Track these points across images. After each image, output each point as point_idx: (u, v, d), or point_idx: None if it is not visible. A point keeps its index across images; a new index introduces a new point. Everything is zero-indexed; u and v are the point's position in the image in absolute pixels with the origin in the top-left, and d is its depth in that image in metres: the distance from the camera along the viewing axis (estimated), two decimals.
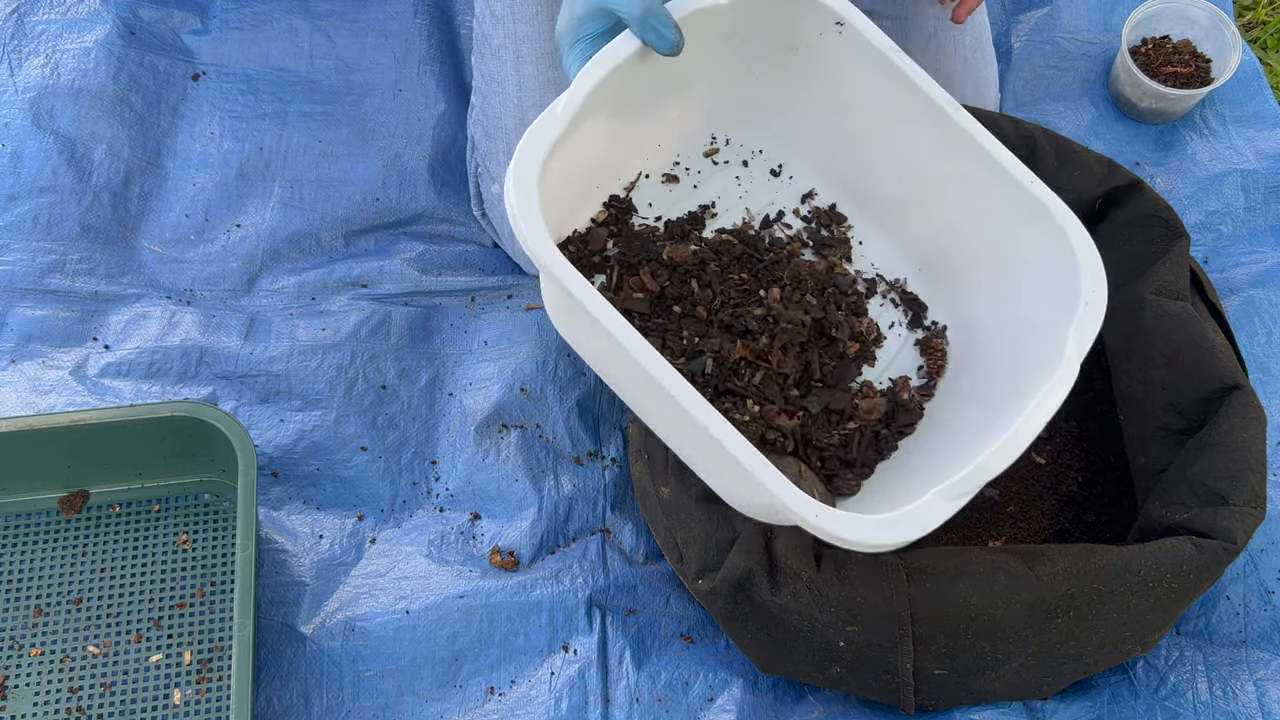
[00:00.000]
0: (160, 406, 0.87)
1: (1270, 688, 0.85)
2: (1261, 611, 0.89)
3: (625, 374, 0.75)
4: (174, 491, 0.92)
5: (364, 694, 0.85)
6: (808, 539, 0.78)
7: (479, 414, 0.97)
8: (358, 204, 1.08)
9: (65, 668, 0.85)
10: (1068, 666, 0.80)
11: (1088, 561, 0.76)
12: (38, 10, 1.14)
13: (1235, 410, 0.82)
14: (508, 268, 1.07)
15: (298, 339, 0.99)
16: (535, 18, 0.95)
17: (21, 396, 0.96)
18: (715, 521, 0.80)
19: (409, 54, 1.16)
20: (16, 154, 1.06)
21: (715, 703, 0.85)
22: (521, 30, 0.96)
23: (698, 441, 0.73)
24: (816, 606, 0.76)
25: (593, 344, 0.75)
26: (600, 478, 0.96)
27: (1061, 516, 0.92)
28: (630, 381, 0.75)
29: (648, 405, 0.76)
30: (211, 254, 1.05)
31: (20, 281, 1.01)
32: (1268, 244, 1.08)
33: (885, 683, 0.80)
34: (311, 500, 0.93)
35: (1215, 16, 1.14)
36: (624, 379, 0.76)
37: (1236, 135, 1.15)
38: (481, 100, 1.03)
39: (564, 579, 0.90)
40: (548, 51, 0.96)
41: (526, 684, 0.86)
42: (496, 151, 1.01)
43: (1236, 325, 1.02)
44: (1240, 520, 0.78)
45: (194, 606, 0.88)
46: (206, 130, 1.11)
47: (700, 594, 0.82)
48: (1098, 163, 0.93)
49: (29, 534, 0.90)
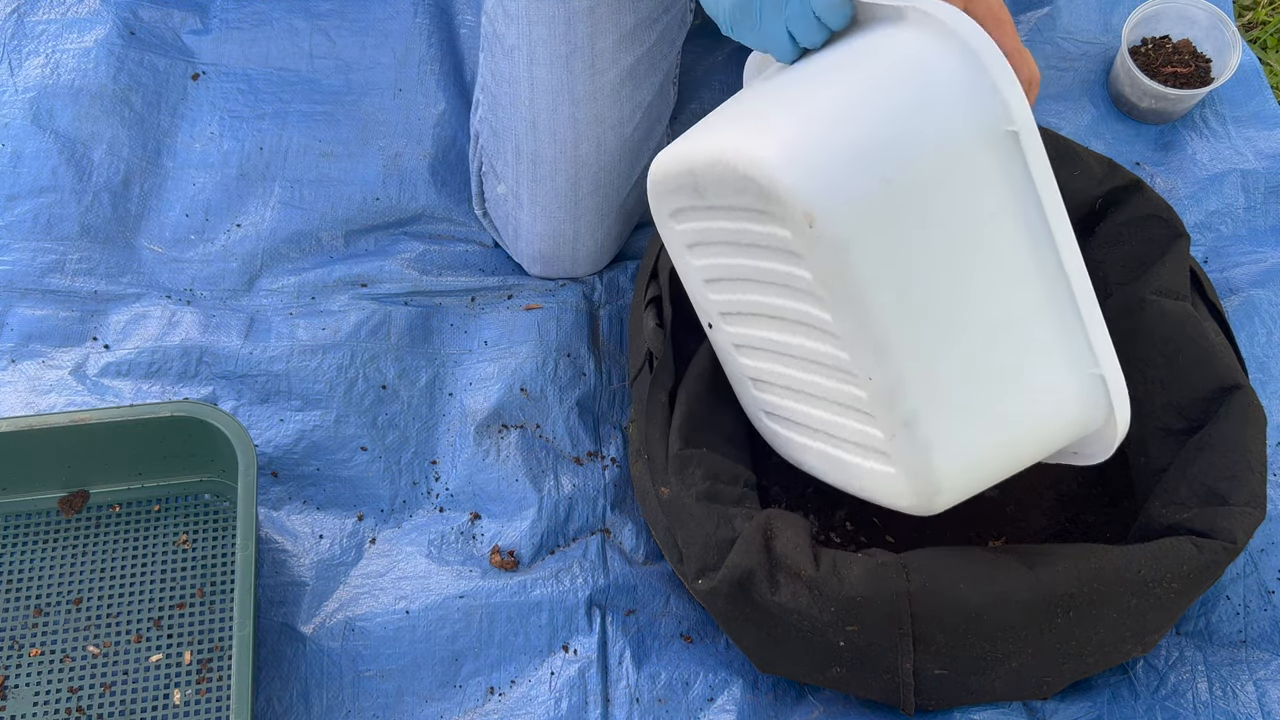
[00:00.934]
0: (160, 406, 0.87)
1: (1270, 688, 0.85)
2: (1261, 611, 0.89)
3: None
4: (174, 491, 0.92)
5: (364, 694, 0.85)
6: (808, 539, 0.78)
7: (479, 414, 0.97)
8: (358, 204, 1.08)
9: (65, 668, 0.85)
10: (1068, 666, 0.80)
11: (1088, 561, 0.76)
12: (38, 10, 1.14)
13: (1235, 410, 0.82)
14: (508, 268, 1.07)
15: (298, 339, 0.99)
16: (552, 20, 0.95)
17: (21, 396, 0.96)
18: (715, 521, 0.80)
19: (409, 54, 1.16)
20: (16, 154, 1.06)
21: (715, 703, 0.85)
22: (537, 33, 0.95)
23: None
24: (816, 606, 0.76)
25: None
26: (600, 478, 0.96)
27: (1061, 516, 0.92)
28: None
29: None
30: (211, 254, 1.05)
31: (20, 281, 1.01)
32: (1268, 244, 1.08)
33: (885, 683, 0.80)
34: (311, 500, 0.93)
35: (1215, 16, 1.14)
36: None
37: (1236, 135, 1.15)
38: (491, 100, 1.02)
39: (564, 579, 0.90)
40: (562, 55, 0.96)
41: (526, 684, 0.86)
42: (504, 152, 1.01)
43: (1236, 325, 1.02)
44: (1240, 520, 0.78)
45: (194, 606, 0.88)
46: (206, 130, 1.11)
47: (700, 594, 0.82)
48: (1098, 163, 0.93)
49: (29, 534, 0.90)
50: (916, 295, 0.67)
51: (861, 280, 0.65)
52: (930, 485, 0.71)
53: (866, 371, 0.69)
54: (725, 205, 0.72)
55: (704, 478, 0.83)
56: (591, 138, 0.98)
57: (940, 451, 0.70)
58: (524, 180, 1.00)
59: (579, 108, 0.97)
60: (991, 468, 0.74)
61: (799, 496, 0.92)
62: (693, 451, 0.84)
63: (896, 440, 0.71)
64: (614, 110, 0.98)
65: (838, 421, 0.77)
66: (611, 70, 0.97)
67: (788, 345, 0.76)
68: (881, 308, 0.66)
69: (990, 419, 0.71)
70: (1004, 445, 0.73)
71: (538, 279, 1.06)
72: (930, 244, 0.66)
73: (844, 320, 0.68)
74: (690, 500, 0.82)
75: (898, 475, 0.73)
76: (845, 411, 0.75)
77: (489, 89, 1.02)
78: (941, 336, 0.68)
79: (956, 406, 0.70)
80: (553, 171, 0.99)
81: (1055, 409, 0.72)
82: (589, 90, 0.97)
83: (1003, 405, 0.71)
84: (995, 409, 0.71)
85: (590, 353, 1.02)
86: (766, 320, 0.77)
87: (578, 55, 0.96)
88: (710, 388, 0.89)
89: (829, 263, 0.66)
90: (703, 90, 1.16)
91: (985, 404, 0.70)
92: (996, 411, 0.71)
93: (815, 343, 0.73)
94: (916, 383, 0.68)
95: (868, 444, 0.74)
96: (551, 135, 0.98)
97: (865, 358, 0.68)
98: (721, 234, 0.75)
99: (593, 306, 1.04)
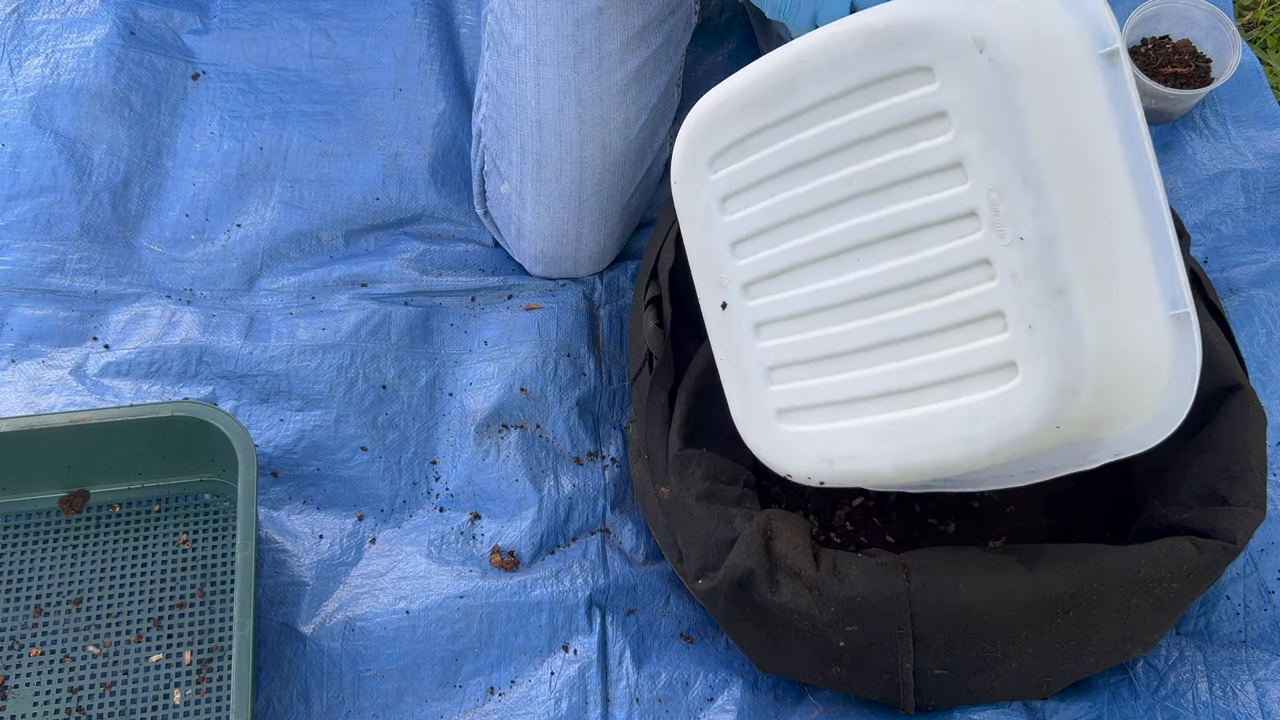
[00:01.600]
0: (160, 406, 0.87)
1: (1270, 688, 0.85)
2: (1261, 611, 0.89)
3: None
4: (174, 491, 0.92)
5: (364, 694, 0.85)
6: (808, 539, 0.78)
7: (479, 414, 0.97)
8: (358, 204, 1.08)
9: (65, 668, 0.85)
10: (1068, 666, 0.80)
11: (1088, 561, 0.76)
12: (38, 10, 1.14)
13: (1235, 410, 0.82)
14: (508, 267, 1.07)
15: (298, 339, 0.99)
16: (559, 21, 0.95)
17: (21, 396, 0.96)
18: (715, 521, 0.80)
19: (409, 54, 1.16)
20: (16, 154, 1.06)
21: (715, 703, 0.85)
22: (544, 33, 0.95)
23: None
24: (816, 606, 0.76)
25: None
26: (600, 478, 0.96)
27: (1061, 516, 0.92)
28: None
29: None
30: (211, 253, 1.05)
31: (20, 281, 1.01)
32: (1268, 244, 1.08)
33: (885, 682, 0.80)
34: (311, 500, 0.93)
35: (1215, 16, 1.14)
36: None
37: (1236, 135, 1.15)
38: (495, 99, 1.02)
39: (564, 579, 0.90)
40: (570, 56, 0.96)
41: (526, 684, 0.86)
42: (509, 151, 1.01)
43: (1236, 325, 1.02)
44: (1240, 520, 0.78)
45: (194, 606, 0.88)
46: (206, 130, 1.11)
47: (700, 594, 0.82)
48: None
49: (29, 534, 0.90)
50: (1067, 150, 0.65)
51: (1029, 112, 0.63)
52: (1076, 377, 0.64)
53: (1019, 225, 0.64)
54: (827, 96, 0.69)
55: (704, 478, 0.83)
56: (597, 139, 0.98)
57: (1091, 329, 0.64)
58: (528, 180, 1.00)
59: (585, 109, 0.97)
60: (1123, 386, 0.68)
61: (799, 497, 0.92)
62: (693, 451, 0.84)
63: (1038, 318, 0.64)
64: (620, 112, 0.98)
65: (925, 361, 0.69)
66: (618, 72, 0.97)
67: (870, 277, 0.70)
68: (1043, 146, 0.64)
69: (1131, 316, 0.67)
70: (1135, 359, 0.68)
71: (538, 279, 1.06)
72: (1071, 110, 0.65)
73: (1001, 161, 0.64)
74: (690, 500, 0.82)
75: (1022, 386, 0.65)
76: (947, 337, 0.68)
77: (494, 88, 1.02)
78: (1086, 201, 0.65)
79: (1103, 286, 0.65)
80: (557, 172, 0.99)
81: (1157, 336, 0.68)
82: (595, 92, 0.97)
83: (1138, 305, 0.67)
84: (1132, 305, 0.67)
85: (590, 353, 1.02)
86: (841, 256, 0.71)
87: (585, 56, 0.96)
88: (710, 388, 0.88)
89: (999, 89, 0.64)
90: (703, 90, 1.16)
91: (1124, 295, 0.66)
92: (1134, 309, 0.67)
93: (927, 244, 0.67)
94: (1073, 243, 0.64)
95: (978, 366, 0.67)
96: (557, 136, 0.98)
97: (1022, 202, 0.64)
98: (803, 146, 0.71)
99: (593, 306, 1.05)
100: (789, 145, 0.72)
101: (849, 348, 0.72)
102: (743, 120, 0.73)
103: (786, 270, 0.74)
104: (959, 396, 0.68)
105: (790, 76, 0.70)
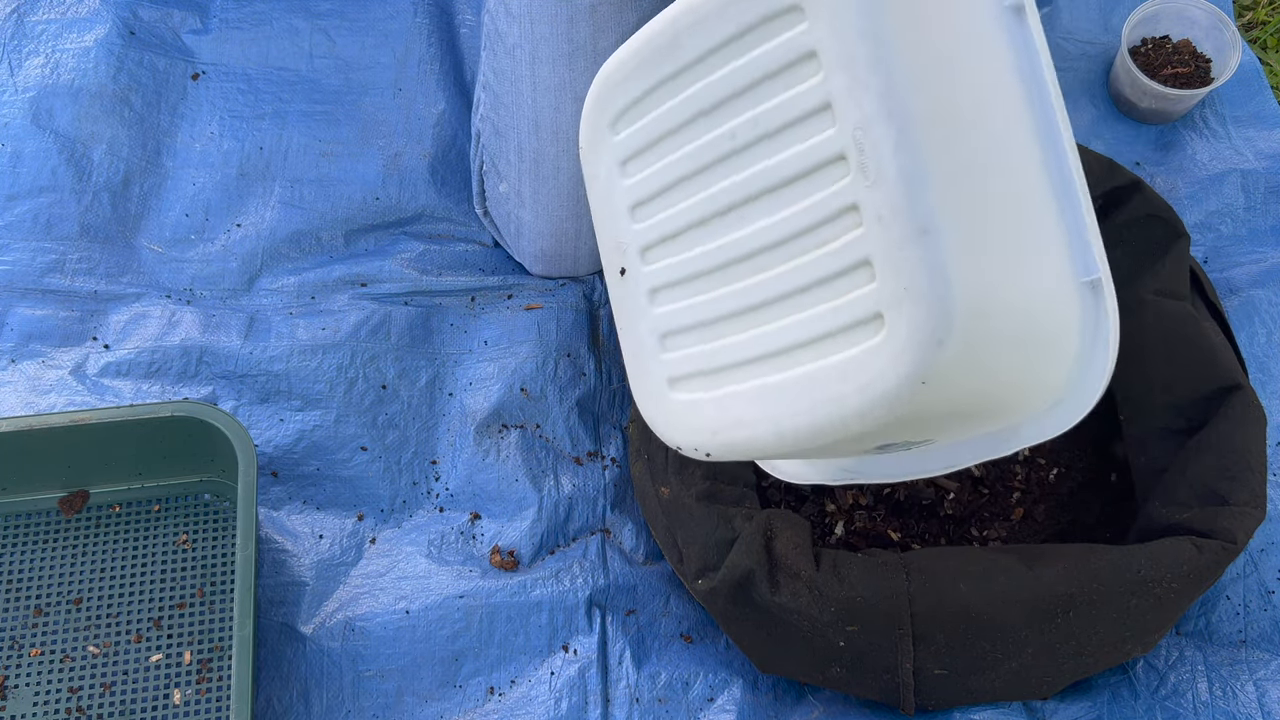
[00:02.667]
0: (160, 406, 0.87)
1: (1270, 688, 0.85)
2: (1261, 611, 0.89)
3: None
4: (174, 491, 0.92)
5: (364, 694, 0.85)
6: (808, 539, 0.78)
7: (479, 414, 0.97)
8: (358, 203, 1.08)
9: (65, 668, 0.85)
10: (1068, 666, 0.80)
11: (1088, 561, 0.76)
12: (38, 10, 1.14)
13: (1235, 410, 0.82)
14: (508, 267, 1.07)
15: (298, 339, 0.99)
16: (554, 19, 0.95)
17: (21, 396, 0.96)
18: (715, 521, 0.80)
19: (409, 53, 1.16)
20: (16, 154, 1.06)
21: (715, 703, 0.85)
22: (540, 31, 0.95)
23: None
24: (816, 606, 0.76)
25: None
26: (600, 478, 0.96)
27: (1061, 516, 0.92)
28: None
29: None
30: (211, 253, 1.05)
31: (20, 281, 1.01)
32: (1268, 244, 1.08)
33: (885, 682, 0.80)
34: (311, 500, 0.93)
35: (1215, 16, 1.14)
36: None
37: (1236, 135, 1.15)
38: (493, 98, 1.02)
39: (564, 579, 0.90)
40: (565, 54, 0.95)
41: (526, 684, 0.86)
42: (507, 151, 1.01)
43: (1236, 325, 1.02)
44: (1240, 520, 0.78)
45: (194, 606, 0.88)
46: (206, 130, 1.11)
47: (700, 594, 0.82)
48: (1097, 163, 0.93)
49: (29, 534, 0.90)
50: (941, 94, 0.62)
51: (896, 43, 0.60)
52: (941, 323, 0.60)
53: (882, 163, 0.60)
54: (708, 48, 0.66)
55: (704, 477, 0.83)
56: None
57: (956, 274, 0.60)
58: (526, 179, 1.00)
59: (582, 106, 0.97)
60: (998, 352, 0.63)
61: (799, 497, 0.92)
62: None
63: (907, 252, 0.60)
64: None
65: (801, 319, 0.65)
66: None
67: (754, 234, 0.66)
68: (910, 81, 0.60)
69: (1007, 270, 0.63)
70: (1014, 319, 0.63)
71: (538, 278, 1.06)
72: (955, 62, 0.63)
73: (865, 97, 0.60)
74: (690, 500, 0.82)
75: (886, 339, 0.61)
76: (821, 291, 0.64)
77: (491, 87, 1.02)
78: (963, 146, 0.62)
79: (975, 232, 0.61)
80: (555, 170, 0.99)
81: (1057, 307, 0.65)
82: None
83: (1021, 261, 0.63)
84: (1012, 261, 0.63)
85: (590, 353, 1.02)
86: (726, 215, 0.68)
87: (580, 54, 0.96)
88: None
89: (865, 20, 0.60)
90: None
91: (1002, 249, 0.63)
92: (1014, 265, 0.63)
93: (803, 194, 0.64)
94: (940, 182, 0.60)
95: (850, 319, 0.63)
96: (554, 134, 0.98)
97: (885, 138, 0.60)
98: (690, 102, 0.68)
99: (593, 306, 1.05)
100: (678, 103, 0.69)
101: (731, 310, 0.69)
102: (637, 80, 0.70)
103: (679, 233, 0.71)
104: (831, 355, 0.64)
105: (675, 31, 0.67)
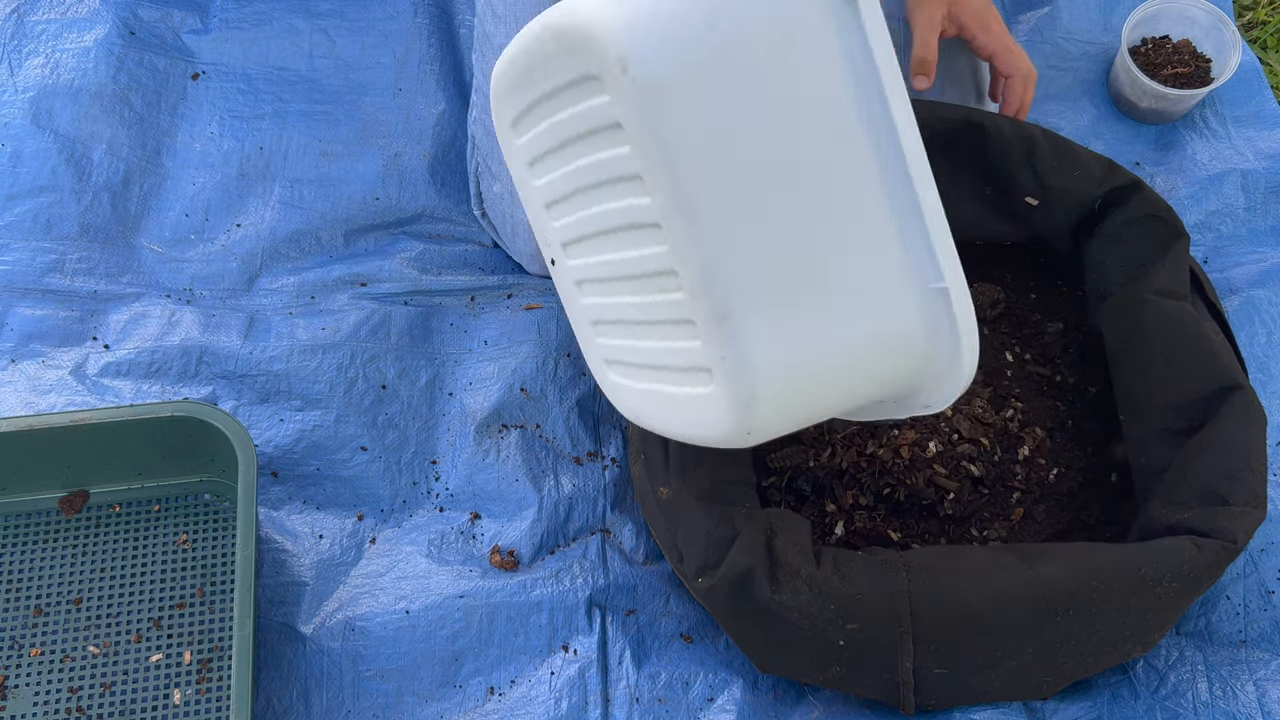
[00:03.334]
0: (160, 406, 0.87)
1: (1270, 688, 0.85)
2: (1261, 611, 0.89)
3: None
4: (174, 491, 0.92)
5: (364, 694, 0.85)
6: (808, 538, 0.78)
7: (479, 414, 0.97)
8: (358, 203, 1.08)
9: (65, 668, 0.85)
10: (1068, 666, 0.80)
11: (1088, 561, 0.76)
12: (38, 10, 1.14)
13: (1235, 410, 0.82)
14: (508, 267, 1.07)
15: (298, 339, 0.99)
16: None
17: (21, 396, 0.96)
18: (715, 520, 0.80)
19: (409, 54, 1.16)
20: (16, 154, 1.06)
21: (715, 703, 0.85)
22: None
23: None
24: (816, 605, 0.76)
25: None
26: (600, 478, 0.96)
27: (1061, 516, 0.92)
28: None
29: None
30: (211, 253, 1.05)
31: (20, 281, 1.01)
32: (1268, 244, 1.08)
33: (885, 682, 0.80)
34: (311, 500, 0.93)
35: (1215, 16, 1.14)
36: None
37: (1236, 135, 1.15)
38: (484, 100, 1.03)
39: (564, 579, 0.90)
40: None
41: (526, 684, 0.86)
42: (499, 151, 1.01)
43: (1236, 325, 1.02)
44: (1240, 520, 0.78)
45: (194, 606, 0.88)
46: (206, 130, 1.11)
47: (700, 593, 0.82)
48: (1098, 163, 0.93)
49: (29, 534, 0.90)
50: (735, 166, 0.60)
51: (675, 132, 0.59)
52: (747, 396, 0.63)
53: (682, 253, 0.61)
54: (552, 87, 0.65)
55: (704, 476, 0.83)
56: None
57: (759, 353, 0.62)
58: None
59: None
60: (820, 390, 0.66)
61: (799, 497, 0.92)
62: (693, 450, 0.84)
63: (711, 337, 0.62)
64: None
65: (665, 347, 0.68)
66: None
67: (620, 261, 0.68)
68: (695, 170, 0.59)
69: (818, 326, 0.63)
70: (834, 362, 0.65)
71: (537, 278, 1.06)
72: (756, 110, 0.60)
73: (659, 187, 0.60)
74: (690, 499, 0.82)
75: (715, 394, 0.64)
76: (672, 330, 0.67)
77: (481, 89, 1.03)
78: (761, 217, 0.61)
79: (778, 305, 0.62)
80: None
81: (894, 327, 0.65)
82: None
83: (833, 312, 0.64)
84: (824, 314, 0.64)
85: None
86: (601, 236, 0.70)
87: None
88: None
89: (643, 113, 0.59)
90: None
91: (811, 307, 0.63)
92: (825, 318, 0.64)
93: (640, 243, 0.65)
94: (733, 265, 0.61)
95: (692, 363, 0.66)
96: None
97: (680, 230, 0.61)
98: (553, 131, 0.68)
99: None
100: (542, 127, 0.70)
101: (626, 317, 0.71)
102: (516, 90, 0.70)
103: (578, 239, 0.72)
104: (687, 385, 0.67)
105: (527, 62, 0.67)
